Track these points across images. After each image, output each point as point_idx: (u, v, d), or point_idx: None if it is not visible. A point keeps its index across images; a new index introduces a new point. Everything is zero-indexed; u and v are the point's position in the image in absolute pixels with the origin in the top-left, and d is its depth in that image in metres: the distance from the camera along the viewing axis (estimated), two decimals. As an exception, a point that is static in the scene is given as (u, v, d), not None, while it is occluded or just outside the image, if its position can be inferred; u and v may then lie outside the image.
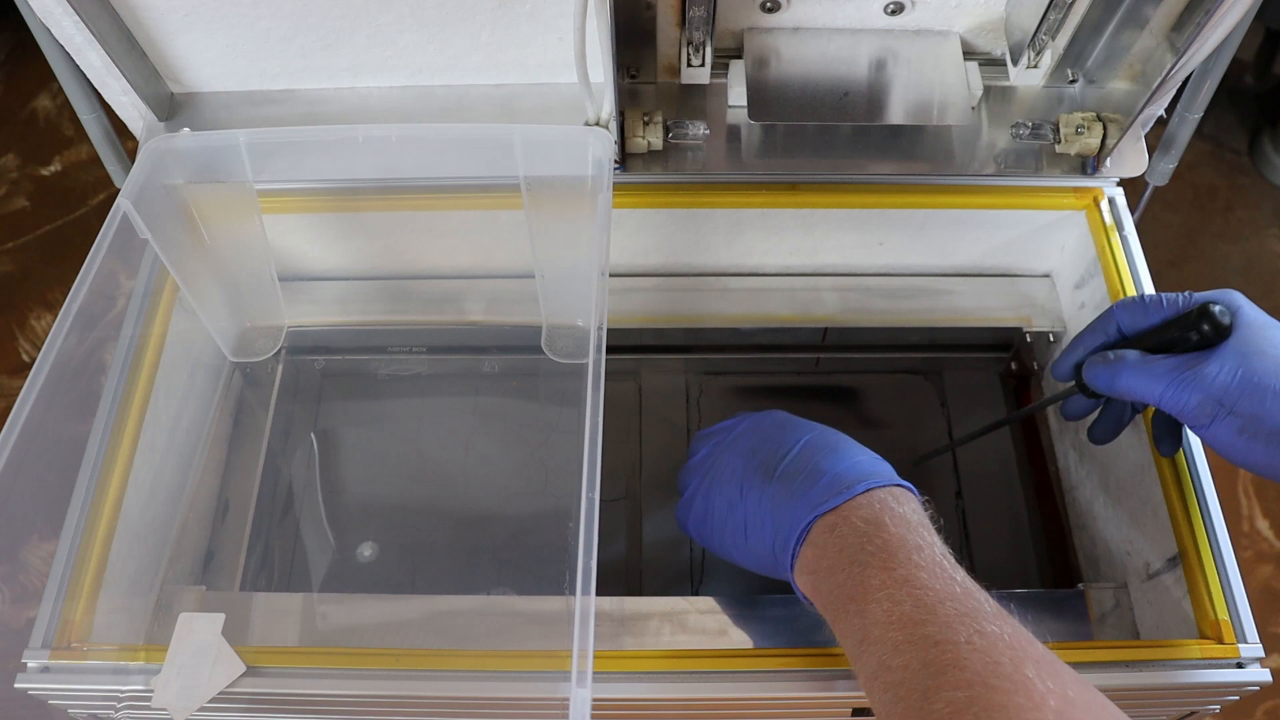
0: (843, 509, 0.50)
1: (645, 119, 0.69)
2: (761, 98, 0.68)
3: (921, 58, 0.70)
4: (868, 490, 0.51)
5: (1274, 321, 0.55)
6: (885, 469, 0.53)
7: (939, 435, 0.78)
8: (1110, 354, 0.57)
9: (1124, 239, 0.71)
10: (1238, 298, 0.55)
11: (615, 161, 0.69)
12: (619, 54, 0.60)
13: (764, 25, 0.70)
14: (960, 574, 0.47)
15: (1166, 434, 0.61)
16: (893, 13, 0.69)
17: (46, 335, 0.56)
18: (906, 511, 0.50)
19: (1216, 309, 0.53)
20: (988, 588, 0.47)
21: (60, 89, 0.69)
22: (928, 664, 0.43)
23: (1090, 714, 0.41)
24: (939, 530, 0.50)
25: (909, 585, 0.46)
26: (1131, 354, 0.56)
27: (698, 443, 0.62)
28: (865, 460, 0.53)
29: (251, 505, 0.71)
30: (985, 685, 0.41)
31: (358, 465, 0.74)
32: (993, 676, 0.41)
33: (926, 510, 0.52)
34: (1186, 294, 0.57)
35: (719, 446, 0.59)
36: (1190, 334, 0.54)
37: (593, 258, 0.59)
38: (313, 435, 0.75)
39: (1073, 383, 0.61)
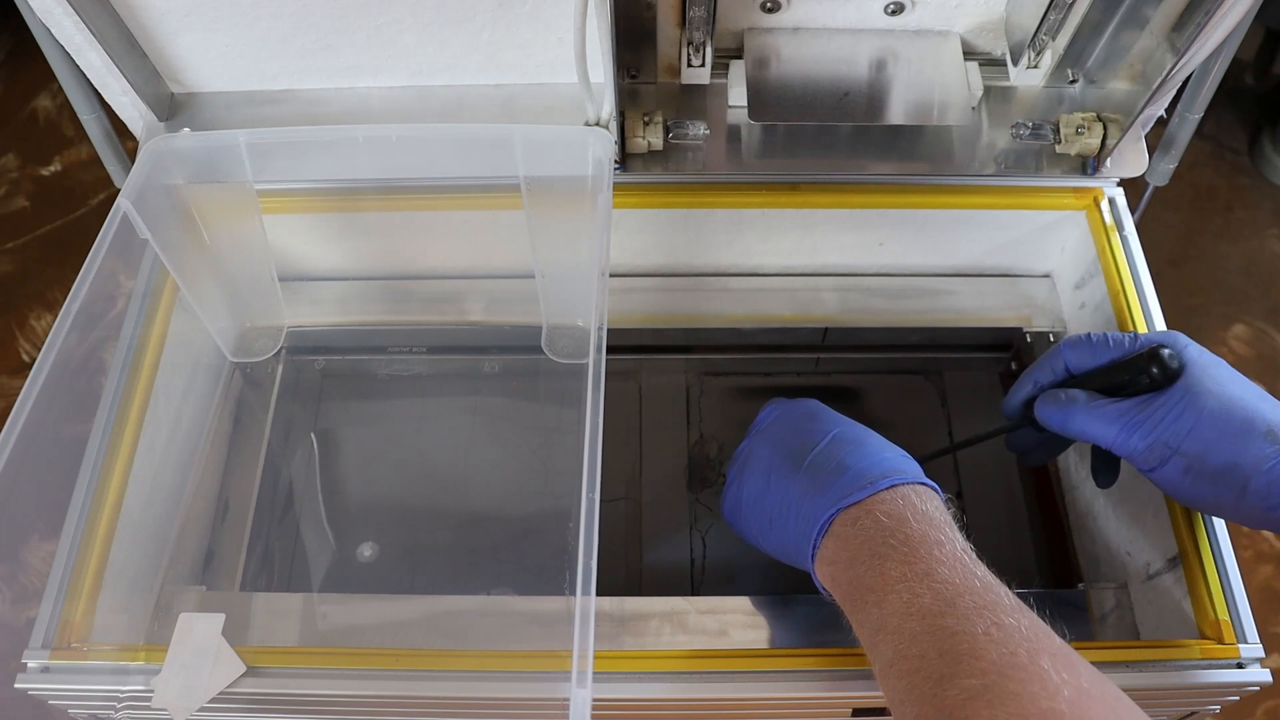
0: (866, 503, 0.51)
1: (645, 119, 0.69)
2: (761, 98, 0.68)
3: (921, 58, 0.70)
4: (892, 486, 0.51)
5: (1219, 360, 0.56)
6: (911, 466, 0.53)
7: (939, 435, 0.78)
8: (1062, 394, 0.58)
9: (1124, 239, 0.71)
10: (1182, 338, 0.57)
11: (615, 161, 0.69)
12: (619, 54, 0.60)
13: (764, 25, 0.70)
14: (981, 569, 0.47)
15: (1105, 468, 0.63)
16: (893, 13, 0.69)
17: (46, 335, 0.56)
18: (929, 509, 0.50)
19: (1166, 353, 0.54)
20: None
21: (60, 89, 0.69)
22: (944, 653, 0.43)
23: (1105, 706, 0.41)
24: (963, 529, 0.50)
25: (929, 579, 0.46)
26: (1082, 396, 0.57)
27: (765, 414, 0.63)
28: (891, 456, 0.54)
29: (251, 505, 0.71)
30: (1000, 674, 0.41)
31: (358, 465, 0.74)
32: (1008, 667, 0.41)
33: (950, 509, 0.52)
34: (1133, 334, 0.58)
35: (753, 435, 0.60)
36: (1141, 377, 0.55)
37: (593, 258, 0.59)
38: (313, 435, 0.75)
39: (1023, 419, 0.61)
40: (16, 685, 0.54)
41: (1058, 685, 0.41)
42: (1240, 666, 0.54)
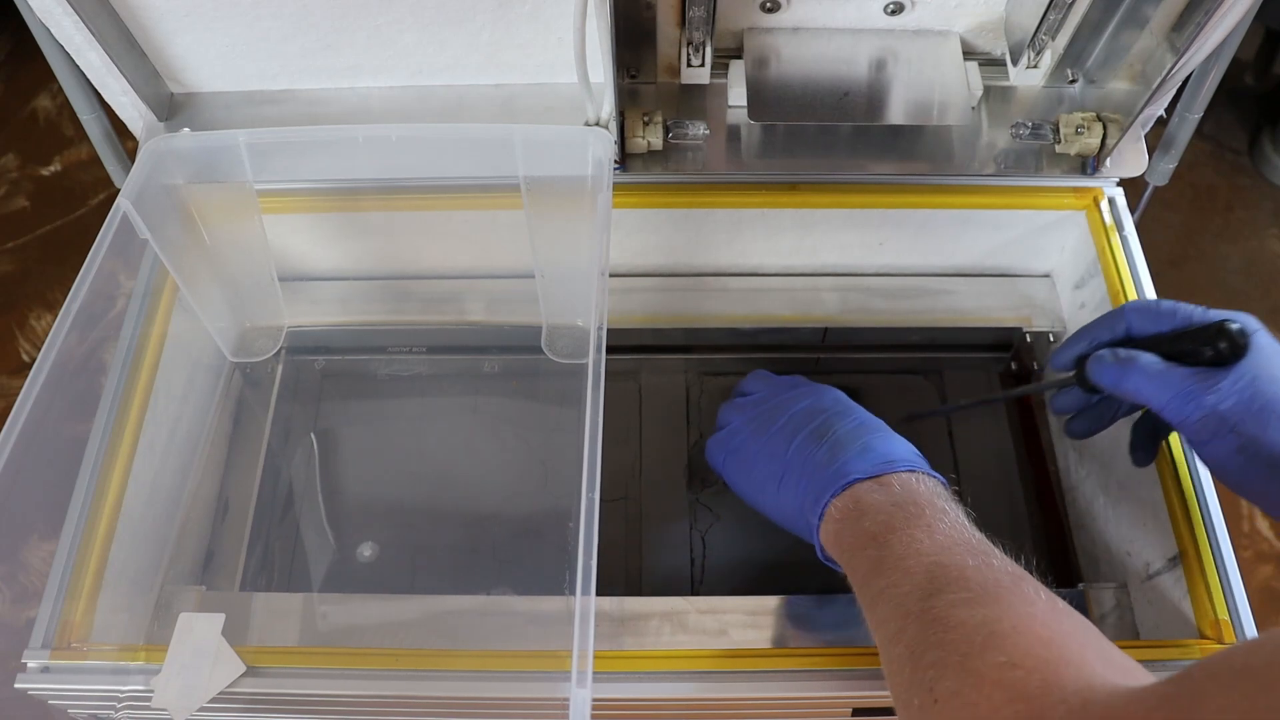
0: (882, 478, 0.54)
1: (645, 119, 0.69)
2: (761, 98, 0.68)
3: (921, 58, 0.70)
4: (910, 470, 0.55)
5: None
6: (925, 463, 0.57)
7: (939, 435, 0.78)
8: (1120, 352, 0.56)
9: (1124, 239, 0.71)
10: (1253, 320, 0.55)
11: (615, 161, 0.69)
12: (619, 54, 0.60)
13: (764, 25, 0.70)
14: (979, 534, 0.51)
15: (1145, 444, 0.61)
16: (893, 13, 0.69)
17: (46, 335, 0.56)
18: (939, 490, 0.54)
19: (1235, 328, 0.53)
20: None
21: (60, 89, 0.69)
22: (933, 578, 0.47)
23: (1075, 623, 0.44)
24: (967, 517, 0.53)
25: (930, 530, 0.50)
26: (1146, 357, 0.55)
27: (755, 382, 0.67)
28: (910, 448, 0.58)
29: (251, 505, 0.71)
30: (983, 589, 0.45)
31: (358, 465, 0.74)
32: (992, 585, 0.45)
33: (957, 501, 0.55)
34: (1202, 309, 0.57)
35: (776, 398, 0.63)
36: (1204, 349, 0.54)
37: (593, 258, 0.59)
38: (313, 435, 0.75)
39: (1072, 374, 0.60)
40: (16, 685, 0.54)
41: (1034, 598, 0.44)
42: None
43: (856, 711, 0.55)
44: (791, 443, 0.59)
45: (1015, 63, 0.71)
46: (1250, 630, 0.55)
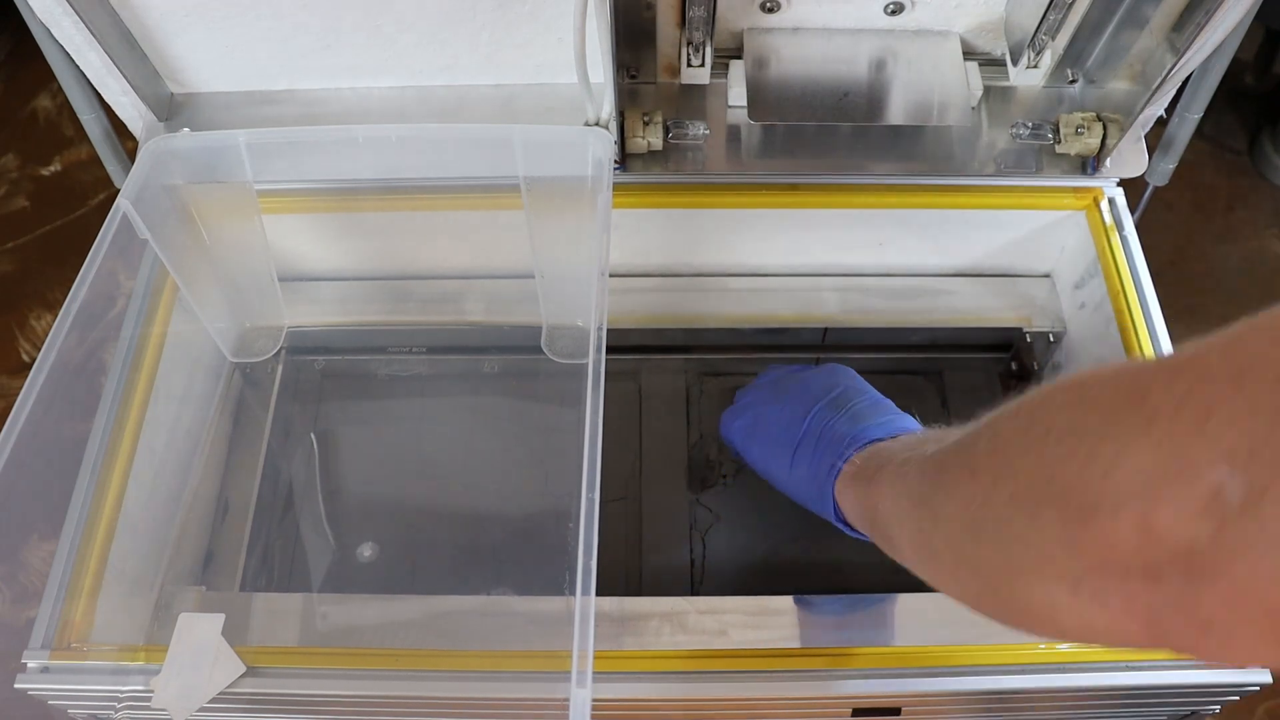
0: (900, 436, 0.55)
1: (645, 119, 0.69)
2: (761, 98, 0.68)
3: (921, 58, 0.70)
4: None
5: None
6: None
7: (939, 435, 0.78)
8: None
9: (1124, 239, 0.71)
10: None
11: (615, 162, 0.69)
12: (619, 54, 0.60)
13: (764, 25, 0.70)
14: None
15: None
16: (893, 13, 0.69)
17: (46, 335, 0.56)
18: None
19: None
20: None
21: (60, 89, 0.69)
22: (959, 442, 0.40)
23: None
24: None
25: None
26: None
27: (774, 369, 0.68)
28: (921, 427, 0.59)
29: (251, 505, 0.71)
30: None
31: (358, 465, 0.74)
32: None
33: None
34: None
35: (792, 375, 0.64)
36: None
37: (593, 258, 0.59)
38: (313, 435, 0.75)
39: None
40: (16, 685, 0.54)
41: None
42: (1241, 666, 0.54)
43: (856, 711, 0.55)
44: (811, 410, 0.59)
45: (1015, 63, 0.71)
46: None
